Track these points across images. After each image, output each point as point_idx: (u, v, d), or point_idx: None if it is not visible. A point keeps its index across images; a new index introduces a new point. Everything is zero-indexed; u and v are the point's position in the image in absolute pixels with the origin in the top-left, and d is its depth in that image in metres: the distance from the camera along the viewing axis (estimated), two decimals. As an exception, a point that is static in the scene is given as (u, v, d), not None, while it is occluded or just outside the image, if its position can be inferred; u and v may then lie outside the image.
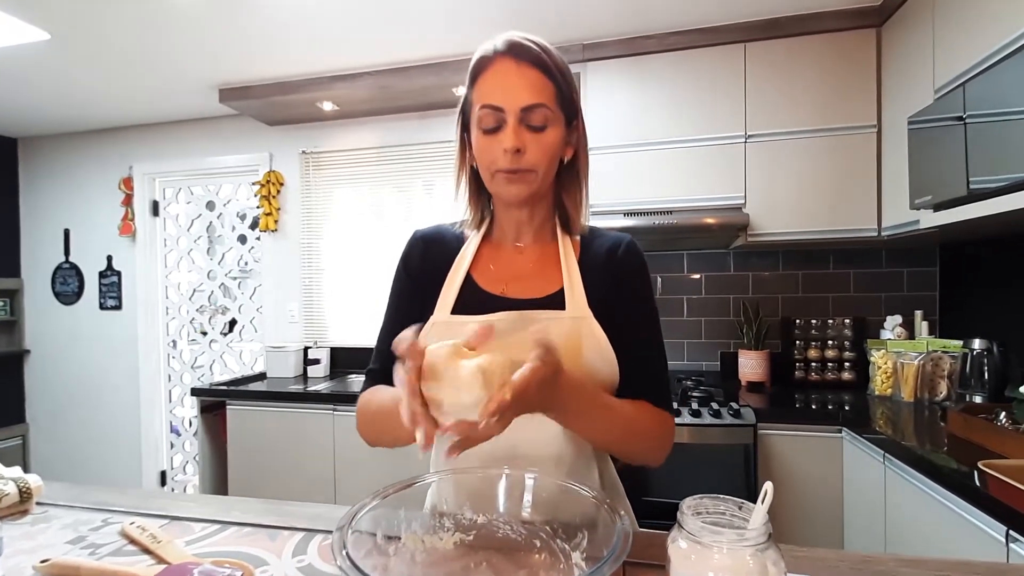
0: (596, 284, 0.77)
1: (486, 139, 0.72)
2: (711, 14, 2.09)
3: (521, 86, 0.70)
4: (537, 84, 0.70)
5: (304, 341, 2.97)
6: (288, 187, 3.04)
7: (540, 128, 0.71)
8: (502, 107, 0.70)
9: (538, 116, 0.70)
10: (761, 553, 0.41)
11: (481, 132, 0.72)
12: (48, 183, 3.46)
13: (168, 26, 2.11)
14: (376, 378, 0.80)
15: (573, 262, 0.78)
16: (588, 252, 0.80)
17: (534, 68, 0.70)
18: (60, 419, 3.46)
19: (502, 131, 0.71)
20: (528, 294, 0.77)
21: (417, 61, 2.47)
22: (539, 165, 0.72)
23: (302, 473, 2.33)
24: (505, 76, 0.70)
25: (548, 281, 0.77)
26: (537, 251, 0.81)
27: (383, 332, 0.82)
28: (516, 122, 0.70)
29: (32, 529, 0.76)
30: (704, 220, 2.10)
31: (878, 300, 2.32)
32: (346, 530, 0.49)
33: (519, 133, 0.70)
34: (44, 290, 3.46)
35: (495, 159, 0.72)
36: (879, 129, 2.01)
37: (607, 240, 0.81)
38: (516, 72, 0.70)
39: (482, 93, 0.72)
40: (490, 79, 0.71)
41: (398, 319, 0.81)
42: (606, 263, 0.79)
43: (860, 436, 1.64)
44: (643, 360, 0.76)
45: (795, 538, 1.81)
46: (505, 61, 0.70)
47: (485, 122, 0.71)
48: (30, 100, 2.86)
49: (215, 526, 0.76)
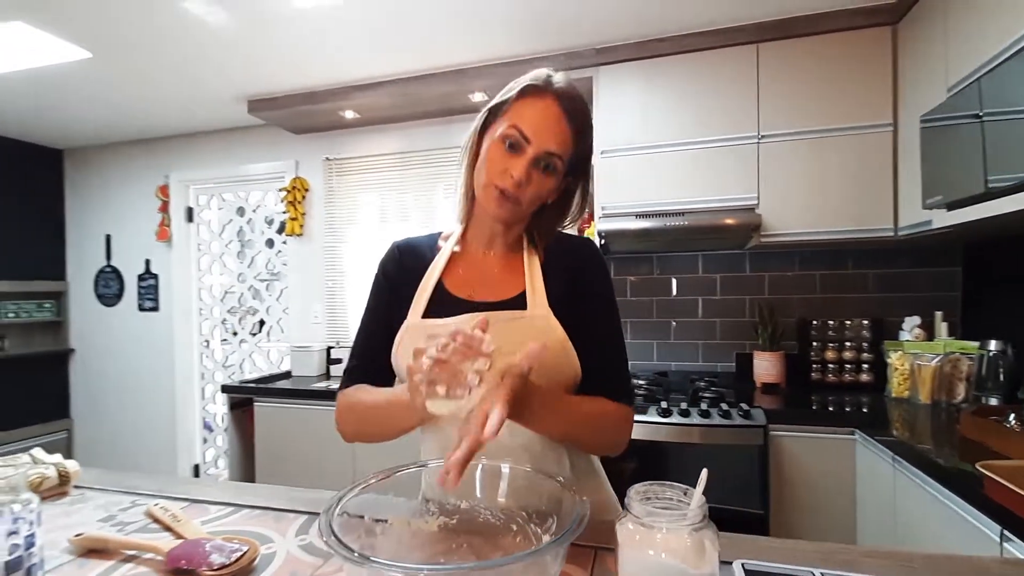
0: (557, 284, 0.81)
1: (501, 153, 0.77)
2: (724, 16, 2.10)
3: (555, 133, 0.76)
4: (567, 140, 0.77)
5: (327, 341, 3.08)
6: (313, 193, 3.15)
7: (546, 171, 0.77)
8: (531, 140, 0.75)
9: (553, 162, 0.77)
10: (698, 532, 0.45)
11: (498, 143, 0.77)
12: (91, 191, 3.67)
13: (200, 43, 2.23)
14: (354, 376, 0.86)
15: (536, 265, 0.83)
16: (550, 255, 0.86)
17: (571, 126, 0.76)
18: (102, 414, 3.67)
19: (518, 156, 0.76)
20: (494, 296, 0.82)
21: (435, 69, 2.54)
22: (530, 203, 0.79)
23: (323, 466, 2.43)
24: (546, 117, 0.76)
25: (512, 284, 0.83)
26: (503, 259, 0.86)
27: (360, 333, 0.89)
28: (533, 157, 0.75)
29: (69, 508, 0.84)
30: (716, 221, 2.10)
31: (898, 300, 2.27)
32: (332, 511, 0.54)
33: (529, 169, 0.76)
34: (87, 292, 3.67)
35: (499, 175, 0.76)
36: (895, 127, 1.98)
37: (567, 243, 0.87)
38: (557, 119, 0.76)
39: (520, 116, 0.76)
40: (532, 109, 0.76)
41: (375, 321, 0.88)
42: (567, 264, 0.84)
43: (871, 438, 1.63)
44: (602, 355, 0.80)
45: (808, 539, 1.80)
46: (554, 104, 0.76)
47: (509, 138, 0.76)
48: (75, 114, 3.05)
49: (229, 508, 0.83)
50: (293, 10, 1.98)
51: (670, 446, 1.87)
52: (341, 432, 0.86)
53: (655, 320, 2.58)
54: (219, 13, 2.00)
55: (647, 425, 1.88)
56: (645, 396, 2.07)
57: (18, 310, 3.44)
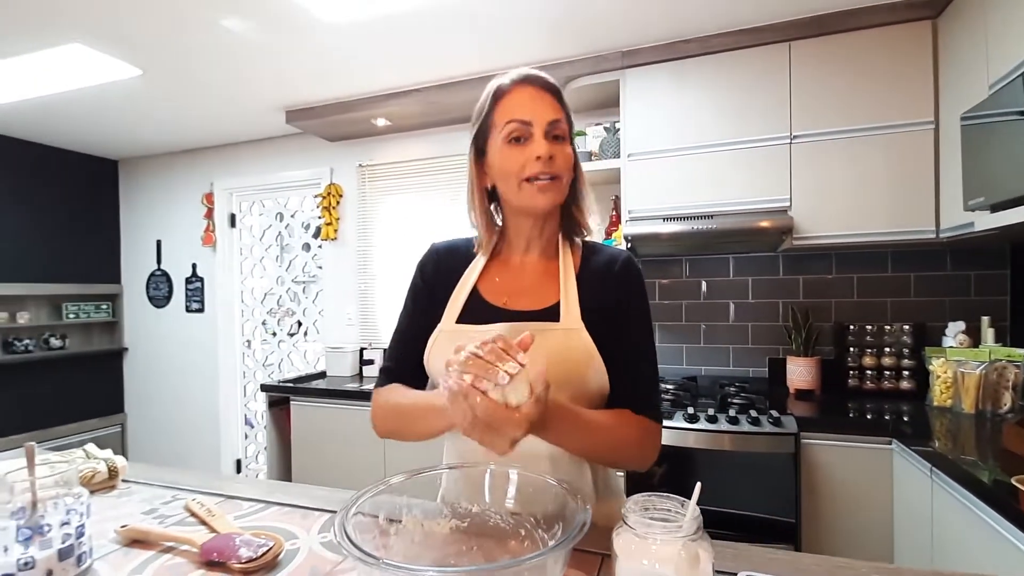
0: (591, 297, 0.82)
1: (513, 150, 0.79)
2: (754, 15, 2.06)
3: (545, 104, 0.80)
4: (556, 107, 0.81)
5: (360, 342, 3.17)
6: (346, 198, 3.25)
7: (562, 139, 0.80)
8: (530, 120, 0.79)
9: (560, 129, 0.80)
10: (692, 543, 0.46)
11: (507, 144, 0.80)
12: (143, 199, 3.89)
13: (240, 58, 2.34)
14: (391, 376, 0.89)
15: (571, 276, 0.84)
16: (587, 267, 0.86)
17: (549, 93, 0.81)
18: (153, 410, 3.88)
19: (530, 142, 0.79)
20: (527, 306, 0.83)
21: (462, 76, 2.58)
22: (565, 172, 0.81)
23: (355, 463, 2.51)
24: (530, 98, 0.80)
25: (546, 295, 0.84)
26: (540, 266, 0.87)
27: (397, 334, 0.92)
28: (543, 133, 0.79)
29: (117, 501, 0.91)
30: (746, 224, 2.06)
31: (941, 305, 2.18)
32: (347, 512, 0.57)
33: (548, 143, 0.79)
34: (140, 294, 3.89)
35: (524, 166, 0.79)
36: (936, 125, 1.90)
37: (605, 255, 0.87)
38: (539, 95, 0.80)
39: (507, 111, 0.80)
40: (514, 99, 0.80)
41: (410, 323, 0.90)
42: (603, 277, 0.84)
43: (908, 448, 1.57)
44: (632, 369, 0.80)
45: (842, 552, 1.75)
46: (526, 88, 0.80)
47: (513, 133, 0.79)
48: (128, 127, 3.24)
49: (259, 505, 0.88)
50: (324, 25, 2.06)
51: (699, 452, 1.85)
52: (374, 428, 0.88)
53: (684, 324, 2.55)
54: (257, 30, 2.10)
55: (674, 431, 1.86)
56: (672, 401, 2.05)
57: (78, 311, 3.68)
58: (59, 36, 2.10)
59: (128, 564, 0.69)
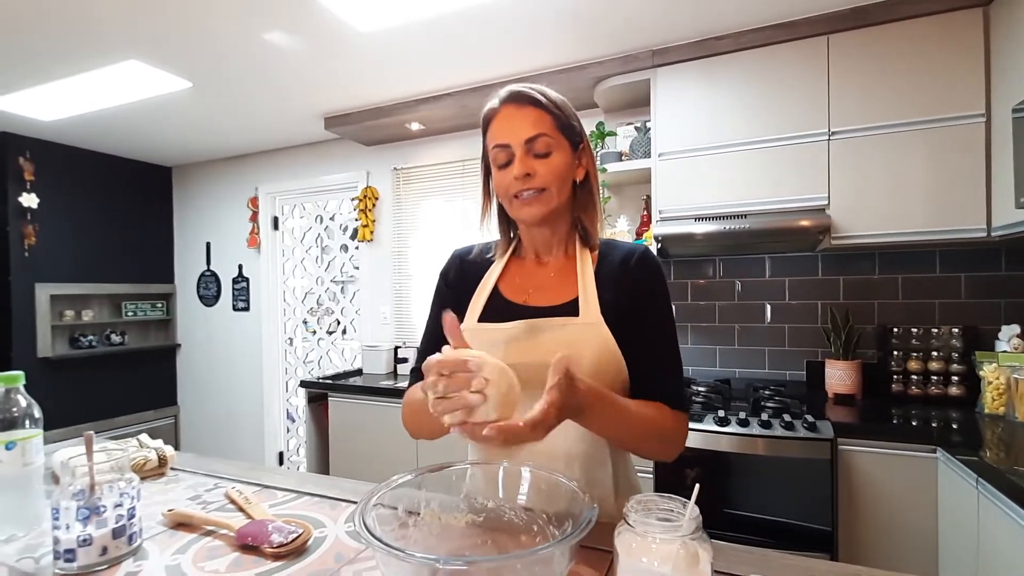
0: (610, 292, 0.84)
1: (501, 173, 0.85)
2: (790, 9, 2.00)
3: (522, 123, 0.82)
4: (535, 119, 0.82)
5: (395, 341, 3.25)
6: (382, 200, 3.34)
7: (545, 154, 0.82)
8: (508, 143, 0.82)
9: (541, 144, 0.82)
10: (691, 542, 0.47)
11: (496, 168, 0.85)
12: (194, 203, 4.10)
13: (281, 69, 2.45)
14: (419, 377, 0.92)
15: (590, 273, 0.86)
16: (604, 263, 0.88)
17: (530, 106, 0.82)
18: (203, 403, 4.09)
19: (511, 163, 0.83)
20: (547, 302, 0.86)
21: (493, 79, 2.62)
22: (550, 184, 0.83)
23: (389, 458, 2.58)
24: (509, 119, 0.83)
25: (566, 290, 0.86)
26: (558, 264, 0.90)
27: (424, 337, 0.96)
28: (523, 153, 0.82)
29: (165, 487, 0.99)
30: (781, 223, 2.01)
31: (994, 307, 2.06)
32: (367, 504, 0.61)
33: (526, 161, 0.82)
34: (191, 294, 4.11)
35: (509, 187, 0.84)
36: (988, 118, 1.81)
37: (621, 251, 0.88)
38: (517, 114, 0.82)
39: (493, 136, 0.85)
40: (497, 124, 0.84)
41: (437, 325, 0.93)
42: (620, 272, 0.86)
43: (953, 457, 1.51)
44: (655, 360, 0.82)
45: (881, 564, 1.69)
46: (507, 108, 0.83)
47: (498, 159, 0.84)
48: (180, 136, 3.43)
49: (293, 494, 0.93)
50: (359, 35, 2.13)
51: (733, 456, 1.82)
52: (406, 429, 0.92)
53: (718, 325, 2.50)
54: (296, 42, 2.19)
55: (706, 434, 1.84)
56: (703, 404, 2.02)
57: (136, 309, 3.92)
58: (118, 54, 2.25)
59: (173, 544, 0.75)
